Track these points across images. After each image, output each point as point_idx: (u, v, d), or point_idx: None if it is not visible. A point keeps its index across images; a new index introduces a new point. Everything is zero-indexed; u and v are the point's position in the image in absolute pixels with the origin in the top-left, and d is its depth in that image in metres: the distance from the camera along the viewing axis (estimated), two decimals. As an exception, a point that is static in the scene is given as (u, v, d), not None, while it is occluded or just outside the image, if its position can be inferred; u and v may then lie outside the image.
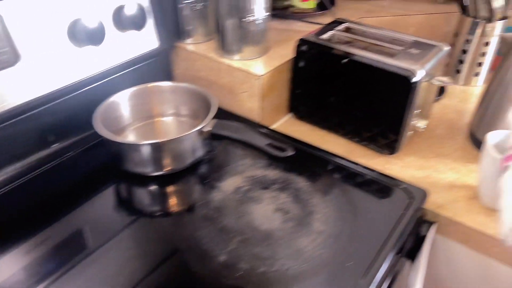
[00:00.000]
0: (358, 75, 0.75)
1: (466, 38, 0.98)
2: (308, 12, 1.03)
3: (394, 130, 0.75)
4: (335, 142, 0.83)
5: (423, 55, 0.73)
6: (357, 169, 0.71)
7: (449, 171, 0.76)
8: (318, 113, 0.85)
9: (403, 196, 0.65)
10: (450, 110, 0.93)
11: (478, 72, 1.01)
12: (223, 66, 0.83)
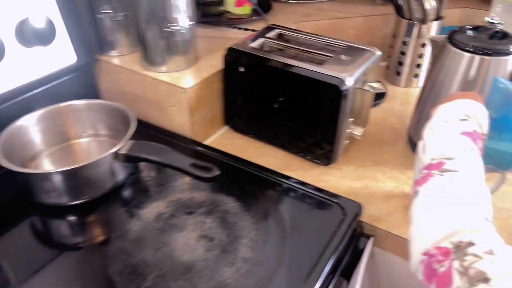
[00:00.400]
0: (288, 85, 0.71)
1: (403, 40, 0.97)
2: (244, 17, 0.99)
3: (328, 140, 0.72)
4: (272, 155, 0.79)
5: (354, 61, 0.70)
6: (290, 184, 0.67)
7: (387, 179, 0.73)
8: (254, 125, 0.81)
9: (337, 211, 0.62)
10: (391, 114, 0.92)
11: (418, 73, 1.00)
12: (148, 79, 0.77)
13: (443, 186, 0.40)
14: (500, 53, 0.64)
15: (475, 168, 0.42)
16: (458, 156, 0.43)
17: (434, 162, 0.43)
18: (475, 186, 0.40)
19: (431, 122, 0.51)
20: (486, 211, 0.38)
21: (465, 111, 0.49)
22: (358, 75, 0.68)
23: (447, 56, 0.70)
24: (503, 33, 0.67)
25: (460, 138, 0.45)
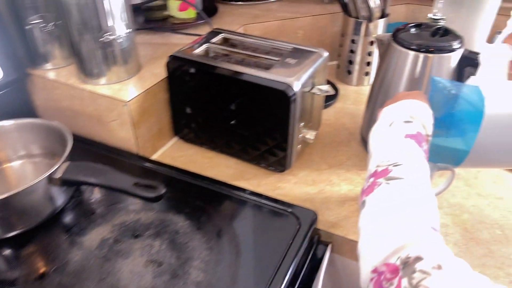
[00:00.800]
0: (235, 92, 0.69)
1: (352, 38, 0.97)
2: (189, 22, 0.95)
3: (281, 147, 0.70)
4: (225, 164, 0.76)
5: (300, 64, 0.68)
6: (243, 196, 0.65)
7: (342, 182, 0.72)
8: (204, 135, 0.78)
9: (292, 221, 0.60)
10: (343, 114, 0.91)
11: (368, 71, 1.00)
12: (86, 93, 0.72)
13: (388, 195, 0.39)
14: (443, 50, 0.65)
15: (420, 173, 0.41)
16: (403, 161, 0.42)
17: (380, 170, 0.42)
18: (421, 193, 0.39)
19: (376, 125, 0.50)
20: (433, 220, 0.37)
21: (409, 112, 0.48)
22: (305, 78, 0.66)
23: (393, 54, 0.69)
24: (445, 30, 0.68)
25: (404, 141, 0.44)
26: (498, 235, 0.62)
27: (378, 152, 0.45)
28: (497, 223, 0.64)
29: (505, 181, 0.72)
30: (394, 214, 0.37)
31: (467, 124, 0.51)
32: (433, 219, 0.37)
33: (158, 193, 0.57)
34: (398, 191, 0.39)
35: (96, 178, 0.56)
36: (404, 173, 0.40)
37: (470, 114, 0.50)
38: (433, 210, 0.38)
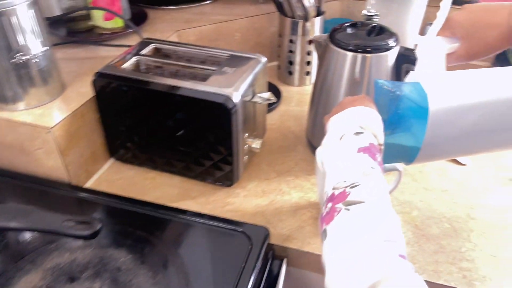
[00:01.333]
0: (171, 107, 0.64)
1: (290, 39, 0.95)
2: (117, 32, 0.89)
3: (226, 161, 0.66)
4: (169, 184, 0.72)
5: (239, 73, 0.65)
6: (189, 219, 0.61)
7: (292, 190, 0.70)
8: (142, 154, 0.72)
9: (243, 241, 0.57)
10: (288, 117, 0.89)
11: (309, 71, 0.99)
12: (3, 122, 0.64)
13: (350, 224, 0.36)
14: (380, 49, 0.64)
15: (379, 192, 0.39)
16: (360, 181, 0.39)
17: (337, 193, 0.39)
18: (384, 217, 0.37)
19: (326, 138, 0.48)
20: (400, 246, 0.35)
21: (358, 122, 0.46)
22: (245, 88, 0.63)
23: (331, 56, 0.68)
24: (380, 28, 0.67)
25: (358, 157, 0.42)
26: (447, 229, 0.63)
27: (332, 172, 0.43)
28: (445, 217, 0.65)
29: (448, 172, 0.74)
30: (359, 246, 0.34)
31: (414, 122, 0.50)
32: (400, 244, 0.35)
33: (93, 229, 0.51)
34: (360, 218, 0.36)
35: (18, 222, 0.50)
36: (362, 196, 0.38)
37: (416, 112, 0.49)
38: (398, 233, 0.36)
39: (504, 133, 0.51)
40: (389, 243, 0.34)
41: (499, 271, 0.57)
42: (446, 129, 0.49)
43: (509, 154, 0.77)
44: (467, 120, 0.49)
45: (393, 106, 0.51)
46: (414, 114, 0.49)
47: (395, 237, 0.35)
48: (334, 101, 0.70)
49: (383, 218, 0.36)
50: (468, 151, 0.57)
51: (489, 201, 0.68)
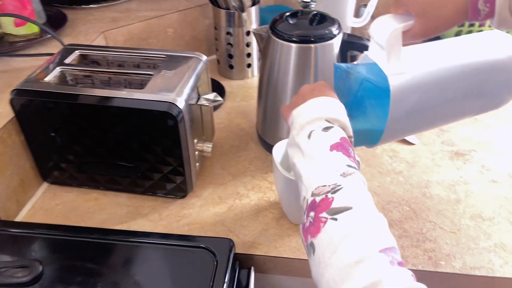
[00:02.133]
0: (108, 121, 0.57)
1: (227, 31, 0.91)
2: (33, 38, 0.79)
3: (177, 172, 0.61)
4: (115, 203, 0.65)
5: (180, 76, 0.60)
6: (143, 241, 0.55)
7: (250, 192, 0.67)
8: (81, 174, 0.65)
9: (207, 258, 0.53)
10: (235, 114, 0.85)
11: (250, 63, 0.95)
12: None
13: (341, 236, 0.32)
14: (324, 38, 0.62)
15: (363, 192, 0.36)
16: (340, 183, 0.36)
17: (319, 200, 0.36)
18: (375, 223, 0.34)
19: (292, 137, 0.44)
20: (396, 252, 0.32)
21: (324, 115, 0.43)
22: (188, 91, 0.58)
23: (275, 48, 0.65)
24: (321, 15, 0.65)
25: (332, 156, 0.39)
26: (407, 212, 0.63)
27: (307, 175, 0.39)
28: (403, 199, 0.66)
29: (399, 153, 0.74)
30: (355, 259, 0.31)
31: (376, 104, 0.48)
32: (396, 250, 0.32)
33: (34, 273, 0.44)
34: (350, 227, 0.33)
35: None
36: (347, 200, 0.34)
37: (377, 93, 0.47)
38: (391, 237, 0.33)
39: (466, 100, 0.51)
40: (386, 252, 0.31)
41: (460, 247, 0.58)
42: (408, 105, 0.48)
43: (452, 129, 0.80)
44: (428, 93, 0.48)
45: (354, 89, 0.49)
46: (375, 95, 0.48)
47: (389, 242, 0.32)
48: (283, 94, 0.67)
49: (374, 223, 0.34)
50: (431, 124, 0.56)
51: (440, 176, 0.70)
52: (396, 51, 0.44)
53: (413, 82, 0.45)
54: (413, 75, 0.45)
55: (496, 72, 0.50)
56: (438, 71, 0.47)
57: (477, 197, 0.65)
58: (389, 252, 0.31)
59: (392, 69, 0.45)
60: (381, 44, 0.45)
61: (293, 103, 0.48)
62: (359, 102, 0.49)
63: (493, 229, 0.60)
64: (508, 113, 0.84)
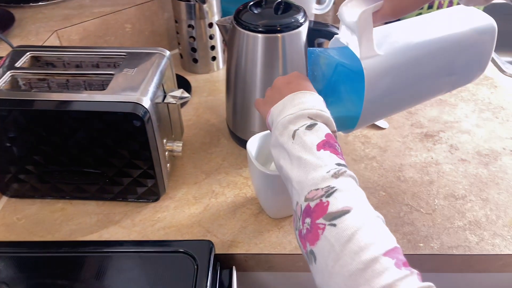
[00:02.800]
0: (69, 126, 0.54)
1: (188, 24, 0.87)
2: (-22, 41, 0.72)
3: (147, 175, 0.58)
4: (84, 212, 0.62)
5: (143, 74, 0.57)
6: (117, 250, 0.52)
7: (226, 189, 0.65)
8: (43, 185, 0.61)
9: (187, 262, 0.51)
10: (204, 109, 0.83)
11: (215, 56, 0.93)
12: None
13: (343, 242, 0.31)
14: (290, 27, 0.61)
15: (357, 192, 0.35)
16: (333, 185, 0.35)
17: (313, 205, 0.34)
18: (374, 223, 0.33)
19: (276, 138, 0.42)
20: (400, 252, 0.31)
21: (306, 112, 0.41)
22: (153, 90, 0.55)
23: (241, 39, 0.63)
24: (286, 4, 0.63)
25: (320, 156, 0.37)
26: (383, 197, 0.64)
27: (297, 179, 0.37)
28: (378, 184, 0.66)
29: (371, 139, 0.75)
30: (360, 265, 0.30)
31: (350, 88, 0.47)
32: (398, 250, 0.31)
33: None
34: (351, 232, 0.31)
35: None
36: (343, 203, 0.33)
37: (351, 77, 0.46)
38: (390, 236, 0.32)
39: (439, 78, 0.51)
40: (390, 255, 0.30)
41: (437, 228, 0.59)
42: (382, 87, 0.47)
43: (419, 111, 0.81)
44: (402, 74, 0.47)
45: (327, 75, 0.48)
46: (350, 80, 0.47)
47: (391, 242, 0.31)
48: (252, 86, 0.65)
49: (373, 225, 0.32)
50: (406, 105, 0.56)
51: (412, 159, 0.70)
52: (368, 34, 0.43)
53: (387, 63, 0.45)
54: (386, 57, 0.45)
55: (464, 48, 0.50)
56: (410, 51, 0.46)
57: (449, 177, 0.67)
58: (393, 253, 0.30)
59: (365, 52, 0.44)
60: (352, 27, 0.43)
61: (269, 98, 0.46)
62: (334, 87, 0.48)
63: (466, 207, 0.62)
64: (470, 92, 0.86)
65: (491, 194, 0.64)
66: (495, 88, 0.87)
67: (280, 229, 0.59)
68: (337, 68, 0.46)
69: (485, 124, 0.78)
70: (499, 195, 0.63)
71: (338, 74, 0.46)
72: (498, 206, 0.62)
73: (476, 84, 0.88)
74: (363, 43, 0.43)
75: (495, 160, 0.70)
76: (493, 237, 0.57)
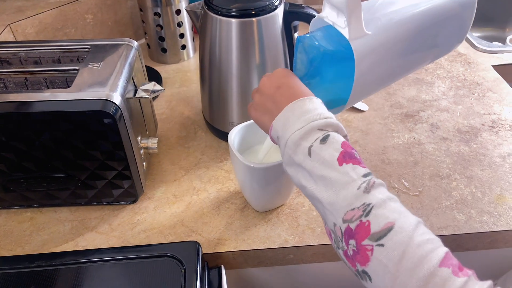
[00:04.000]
0: (31, 129, 0.49)
1: (154, 12, 0.82)
2: None
3: (123, 176, 0.55)
4: (56, 220, 0.57)
5: (110, 67, 0.52)
6: (96, 259, 0.49)
7: (207, 185, 0.62)
8: (8, 193, 0.56)
9: (173, 267, 0.48)
10: (177, 101, 0.79)
11: (184, 44, 0.88)
12: None
13: (395, 261, 0.30)
14: (265, 10, 0.57)
15: (391, 201, 0.33)
16: (369, 201, 0.33)
17: (354, 226, 0.33)
18: (419, 234, 0.31)
19: (289, 157, 0.39)
20: (451, 258, 0.30)
21: (314, 125, 0.38)
22: (123, 84, 0.51)
23: (213, 25, 0.59)
24: (258, -15, 0.60)
25: (344, 172, 0.35)
26: (369, 181, 0.62)
27: (327, 200, 0.35)
28: (364, 169, 0.64)
29: (352, 123, 0.73)
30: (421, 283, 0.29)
31: (340, 72, 0.44)
32: (449, 254, 0.30)
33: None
34: (400, 249, 0.30)
35: None
36: (384, 219, 0.32)
37: (340, 61, 0.43)
38: (439, 243, 0.31)
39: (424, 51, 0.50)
40: (445, 264, 0.29)
41: (425, 209, 0.58)
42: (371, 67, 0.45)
43: (398, 91, 0.80)
44: (389, 51, 0.45)
45: (316, 61, 0.45)
46: (339, 64, 0.44)
47: (441, 249, 0.30)
48: (229, 75, 0.62)
49: (420, 234, 0.31)
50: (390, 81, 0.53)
51: (394, 140, 0.69)
52: (357, 13, 0.40)
53: (375, 42, 0.42)
54: (374, 36, 0.42)
55: (447, 20, 0.49)
56: (398, 26, 0.44)
57: (432, 157, 0.66)
58: (447, 261, 0.30)
59: (354, 32, 0.41)
60: (340, 7, 0.41)
61: (261, 106, 0.43)
62: (322, 72, 0.45)
63: (452, 186, 0.61)
64: (445, 69, 0.86)
65: (475, 171, 0.64)
66: (469, 65, 0.88)
67: (268, 223, 0.57)
68: (326, 54, 0.43)
69: (462, 101, 0.78)
70: (482, 172, 0.64)
71: (327, 60, 0.43)
72: (483, 183, 0.62)
73: (450, 61, 0.88)
74: (352, 23, 0.40)
75: (475, 136, 0.70)
76: (480, 215, 0.57)
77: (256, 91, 0.44)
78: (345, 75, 0.43)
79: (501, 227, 0.56)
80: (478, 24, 1.12)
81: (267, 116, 0.42)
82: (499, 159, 0.66)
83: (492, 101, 0.77)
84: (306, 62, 0.44)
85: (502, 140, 0.69)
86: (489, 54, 0.90)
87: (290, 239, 0.55)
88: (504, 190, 0.61)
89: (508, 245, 0.58)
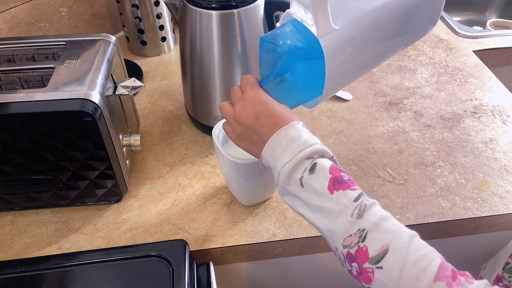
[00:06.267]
0: (7, 131, 0.47)
1: (132, 3, 0.80)
2: None
3: (106, 175, 0.53)
4: (38, 222, 0.56)
5: (87, 64, 0.51)
6: (81, 262, 0.48)
7: (193, 180, 0.62)
8: (-13, 198, 0.54)
9: (161, 266, 0.47)
10: (159, 96, 0.77)
11: (164, 36, 0.86)
12: None
13: (395, 282, 0.33)
14: (246, 1, 0.56)
15: (384, 222, 0.35)
16: (364, 226, 0.35)
17: (354, 251, 0.35)
18: (413, 249, 0.33)
19: (284, 188, 0.40)
20: (445, 269, 0.32)
21: (302, 155, 0.38)
22: (102, 82, 0.49)
23: (193, 18, 0.58)
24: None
25: (337, 199, 0.36)
26: (355, 171, 0.63)
27: (326, 228, 0.37)
28: (349, 159, 0.65)
29: (336, 113, 0.73)
30: None
31: (310, 70, 0.44)
32: (444, 265, 0.33)
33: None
34: (398, 269, 0.33)
35: None
36: (379, 243, 0.34)
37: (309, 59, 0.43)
38: (433, 253, 0.34)
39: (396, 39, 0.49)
40: (439, 277, 0.31)
41: (411, 197, 0.59)
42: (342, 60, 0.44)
43: (381, 79, 0.80)
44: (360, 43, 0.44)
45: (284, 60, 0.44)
46: (308, 62, 0.43)
47: (435, 261, 0.33)
48: (210, 68, 0.61)
49: (414, 250, 0.33)
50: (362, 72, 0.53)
51: (379, 129, 0.70)
52: (323, 8, 0.39)
53: (345, 36, 0.42)
54: (343, 30, 0.41)
55: (418, 5, 0.48)
56: (366, 18, 0.43)
57: (417, 144, 0.67)
58: (441, 274, 0.32)
59: (322, 29, 0.40)
60: (305, 3, 0.40)
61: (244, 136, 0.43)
62: (293, 72, 0.44)
63: (436, 174, 0.62)
64: (427, 56, 0.86)
65: (458, 158, 0.64)
66: (450, 50, 0.88)
67: (255, 217, 0.57)
68: (294, 53, 0.42)
69: (445, 88, 0.78)
70: (465, 158, 0.64)
71: (295, 58, 0.42)
72: (466, 169, 0.62)
73: (432, 48, 0.89)
74: (319, 20, 0.40)
75: (458, 123, 0.70)
76: (464, 201, 0.58)
77: (233, 119, 0.44)
78: (316, 72, 0.42)
79: (485, 213, 0.56)
80: (458, 8, 1.13)
81: (254, 147, 0.43)
82: (482, 144, 0.66)
83: (474, 87, 0.78)
84: (274, 61, 0.43)
85: (484, 125, 0.70)
86: (470, 39, 0.91)
87: (278, 233, 0.55)
88: (486, 175, 0.61)
89: (492, 230, 0.59)
